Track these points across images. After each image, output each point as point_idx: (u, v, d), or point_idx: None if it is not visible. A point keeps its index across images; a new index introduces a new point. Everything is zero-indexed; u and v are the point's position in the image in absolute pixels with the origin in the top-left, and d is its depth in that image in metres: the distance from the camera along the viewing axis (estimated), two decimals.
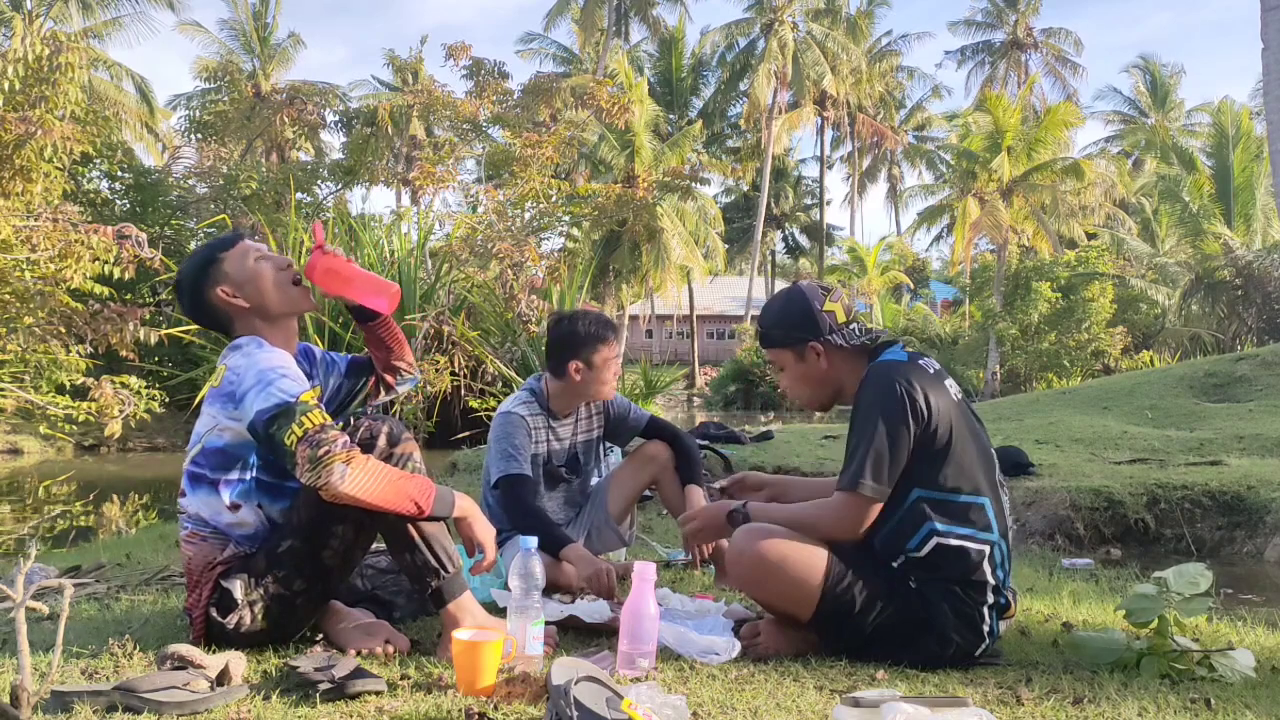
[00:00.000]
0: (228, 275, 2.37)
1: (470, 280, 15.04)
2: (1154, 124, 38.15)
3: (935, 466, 2.32)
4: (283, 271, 2.42)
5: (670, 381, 18.20)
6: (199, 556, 2.28)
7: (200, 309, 2.41)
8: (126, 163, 17.24)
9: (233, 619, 2.21)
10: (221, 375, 2.28)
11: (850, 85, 37.00)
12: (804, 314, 2.49)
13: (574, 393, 3.33)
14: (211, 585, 2.25)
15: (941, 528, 2.32)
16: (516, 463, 3.15)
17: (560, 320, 3.35)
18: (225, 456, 2.27)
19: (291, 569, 2.24)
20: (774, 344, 2.56)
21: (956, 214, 29.75)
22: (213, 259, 2.39)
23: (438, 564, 2.26)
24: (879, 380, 2.37)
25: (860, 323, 2.51)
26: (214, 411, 2.27)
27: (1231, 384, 10.26)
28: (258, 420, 2.14)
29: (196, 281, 2.39)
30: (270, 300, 2.38)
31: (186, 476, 2.32)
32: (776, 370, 2.60)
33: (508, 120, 22.84)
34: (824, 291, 2.52)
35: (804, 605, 2.34)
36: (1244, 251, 22.53)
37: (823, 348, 2.47)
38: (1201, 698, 2.13)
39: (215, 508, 2.28)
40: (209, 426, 2.28)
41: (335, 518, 2.22)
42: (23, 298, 11.40)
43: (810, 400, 2.58)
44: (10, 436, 12.83)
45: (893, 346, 2.48)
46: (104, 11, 26.98)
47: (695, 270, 30.42)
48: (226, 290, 2.36)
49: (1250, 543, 5.38)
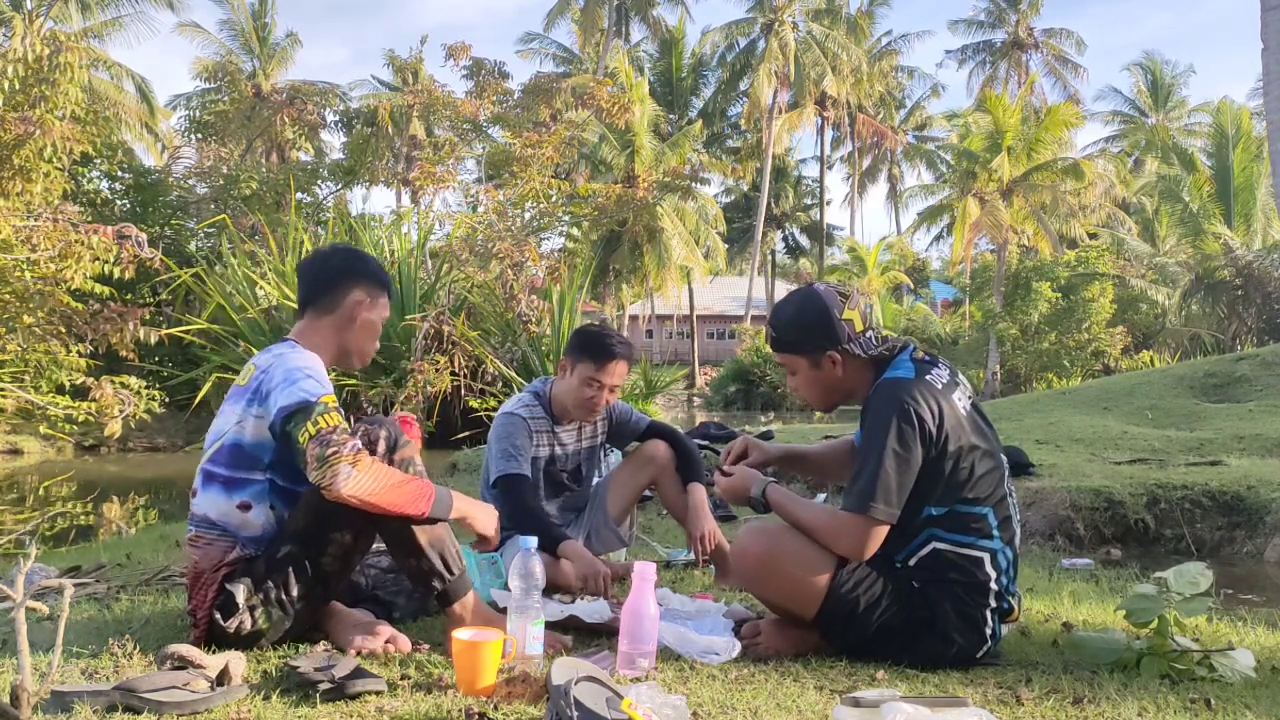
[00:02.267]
0: (373, 304, 2.47)
1: (470, 280, 15.04)
2: (1154, 124, 38.13)
3: (942, 482, 2.30)
4: (371, 345, 2.53)
5: (670, 381, 18.18)
6: (204, 560, 2.29)
7: (331, 276, 2.47)
8: (126, 163, 17.23)
9: (233, 623, 2.22)
10: (249, 374, 2.33)
11: (850, 85, 36.98)
12: (822, 321, 2.41)
13: (560, 394, 3.32)
14: (216, 588, 2.25)
15: (941, 534, 2.32)
16: (515, 462, 3.15)
17: (589, 324, 3.45)
18: (243, 455, 2.28)
19: (291, 574, 2.24)
20: (787, 349, 2.49)
21: (956, 214, 29.73)
22: (384, 284, 2.51)
23: (443, 567, 2.27)
24: (888, 400, 2.31)
25: (876, 330, 2.45)
26: (238, 408, 2.30)
27: (1231, 384, 10.25)
28: (278, 416, 2.18)
29: (355, 265, 2.49)
30: (354, 347, 2.47)
31: (200, 475, 2.34)
32: (787, 373, 2.55)
33: (508, 120, 22.82)
34: (842, 298, 2.44)
35: (808, 604, 2.34)
36: (1244, 251, 22.53)
37: (840, 356, 2.41)
38: (1201, 698, 2.13)
39: (223, 507, 2.29)
40: (231, 423, 2.30)
41: (334, 524, 2.23)
42: (23, 297, 11.40)
43: (818, 402, 2.55)
44: (10, 436, 12.83)
45: (904, 353, 2.44)
46: (104, 11, 26.97)
47: (695, 270, 30.42)
48: (362, 302, 2.45)
49: (1250, 543, 5.37)
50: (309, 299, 2.48)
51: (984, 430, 2.41)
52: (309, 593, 2.27)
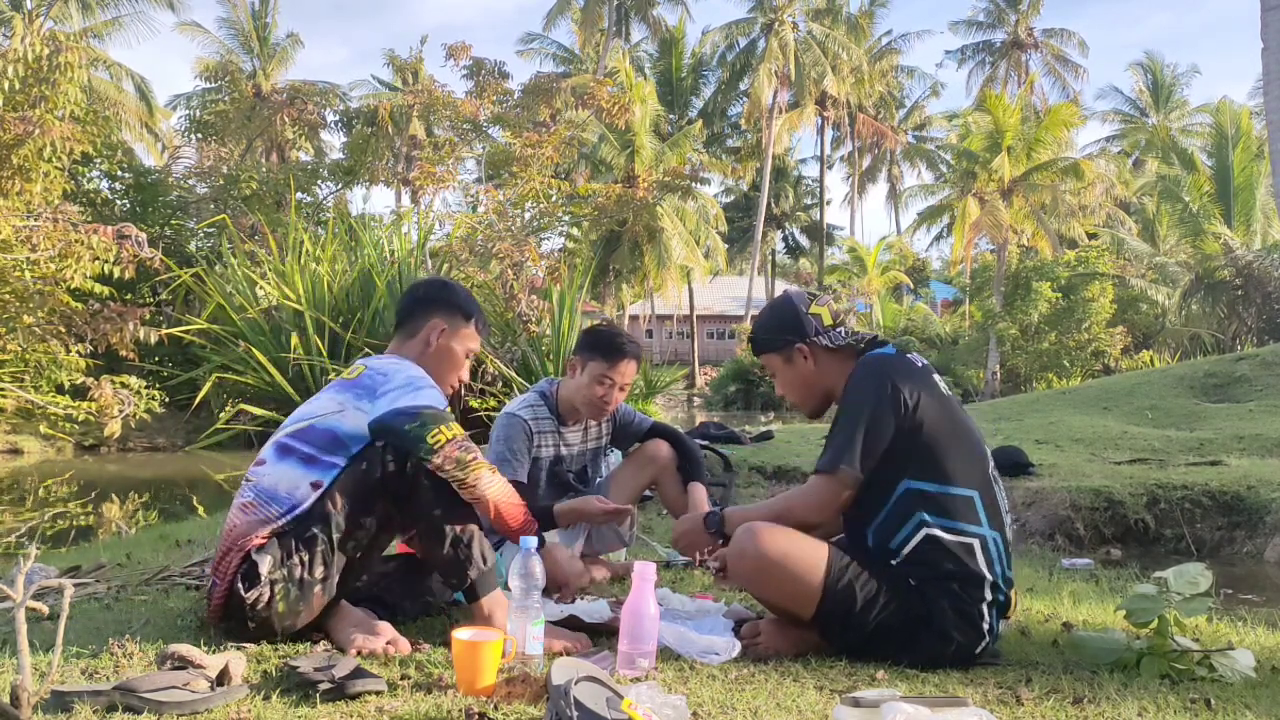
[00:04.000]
0: (452, 332, 2.60)
1: (470, 280, 15.02)
2: (1155, 124, 38.12)
3: (923, 458, 2.34)
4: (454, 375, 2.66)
5: (670, 381, 18.19)
6: (244, 525, 2.33)
7: (416, 303, 2.65)
8: (126, 163, 17.21)
9: (253, 594, 2.25)
10: (359, 372, 2.46)
11: (850, 85, 36.96)
12: (790, 317, 2.54)
13: (570, 394, 3.32)
14: (243, 555, 2.29)
15: (930, 519, 2.34)
16: (510, 467, 3.14)
17: (596, 324, 3.45)
18: (335, 440, 2.36)
19: (318, 553, 2.29)
20: (763, 349, 2.62)
21: (956, 214, 29.75)
22: (468, 315, 2.64)
23: (478, 557, 2.34)
24: (865, 372, 2.42)
25: (847, 325, 2.54)
26: (342, 398, 2.41)
27: (1231, 384, 10.26)
28: (396, 413, 2.29)
29: (439, 294, 2.66)
30: (433, 373, 2.52)
31: (275, 448, 2.40)
32: (770, 375, 2.64)
33: (508, 120, 22.82)
34: (811, 296, 2.58)
35: (806, 603, 2.35)
36: (1244, 251, 22.52)
37: (809, 349, 2.51)
38: (1201, 698, 2.13)
39: (295, 480, 2.34)
40: (330, 410, 2.40)
41: (364, 510, 2.31)
42: (23, 297, 11.41)
43: (803, 403, 2.61)
44: (10, 436, 12.81)
45: (882, 346, 2.50)
46: (104, 11, 26.96)
47: (695, 270, 30.41)
48: (442, 329, 2.59)
49: (1250, 543, 5.38)
50: (397, 324, 2.67)
51: (962, 413, 2.47)
52: (327, 576, 2.30)
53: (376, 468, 2.30)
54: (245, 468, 2.54)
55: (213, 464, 11.76)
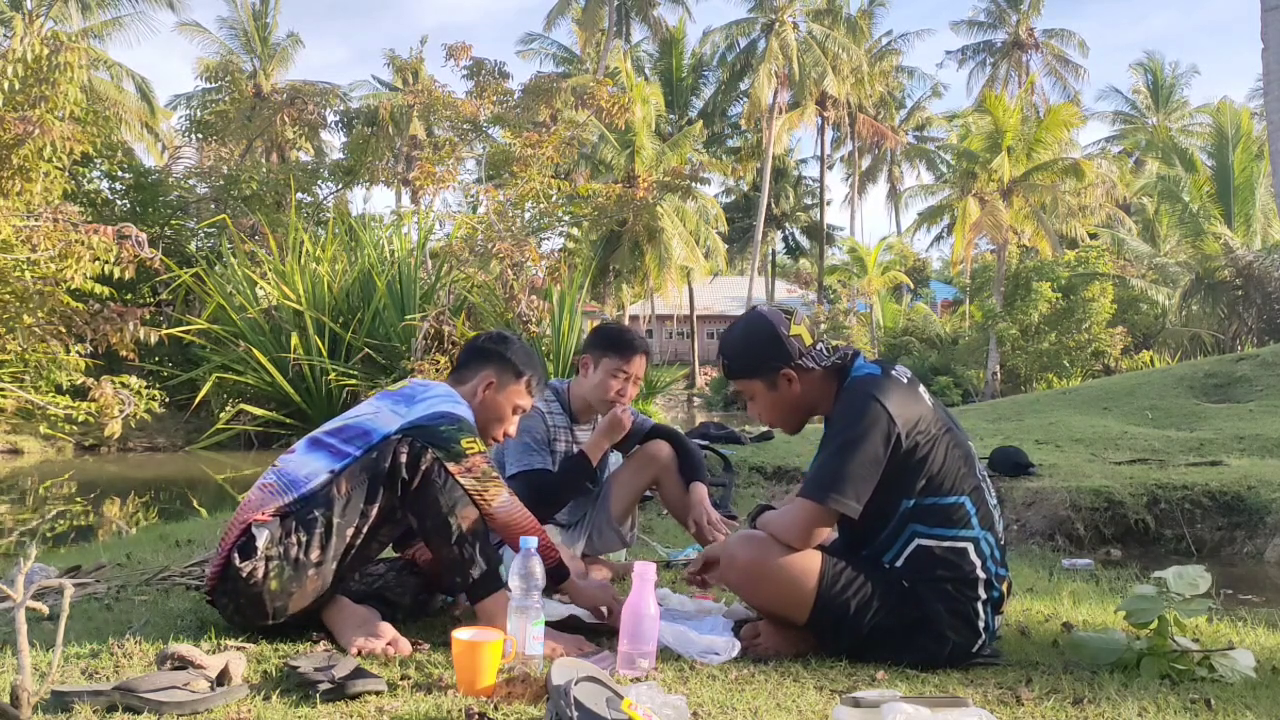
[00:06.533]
0: (499, 387, 2.67)
1: (470, 280, 15.04)
2: (1155, 124, 38.11)
3: (917, 475, 2.32)
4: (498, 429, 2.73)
5: (670, 381, 18.20)
6: (255, 501, 2.38)
7: (474, 353, 2.76)
8: (127, 163, 17.20)
9: (247, 566, 2.26)
10: (404, 384, 2.61)
11: (851, 85, 36.93)
12: (771, 341, 2.44)
13: (584, 392, 3.32)
14: (244, 527, 2.32)
15: (923, 530, 2.34)
16: (538, 456, 3.19)
17: (603, 322, 3.42)
18: (360, 433, 2.44)
19: (317, 536, 2.31)
20: (742, 374, 2.51)
21: (956, 214, 29.75)
22: (519, 374, 2.69)
23: (482, 557, 2.36)
24: (854, 398, 2.36)
25: (825, 341, 2.49)
26: (380, 404, 2.53)
27: (1231, 384, 10.26)
28: (438, 415, 2.41)
29: (495, 349, 2.73)
30: (479, 421, 2.60)
31: (308, 441, 2.49)
32: (745, 399, 2.56)
33: (508, 120, 22.79)
34: (786, 315, 2.50)
35: (799, 609, 2.34)
36: (1244, 252, 22.52)
37: (795, 373, 2.44)
38: (1201, 698, 2.13)
39: (317, 469, 2.40)
40: (367, 413, 2.51)
41: (368, 498, 2.34)
42: (23, 297, 11.40)
43: (784, 425, 2.57)
44: (10, 436, 12.81)
45: (857, 359, 2.47)
46: (104, 11, 26.98)
47: (695, 270, 30.41)
48: (491, 382, 2.67)
49: (1250, 543, 5.38)
50: (455, 367, 2.78)
51: (950, 419, 2.45)
52: (322, 560, 2.31)
53: (386, 458, 2.33)
54: (245, 468, 2.57)
55: (213, 464, 11.76)
